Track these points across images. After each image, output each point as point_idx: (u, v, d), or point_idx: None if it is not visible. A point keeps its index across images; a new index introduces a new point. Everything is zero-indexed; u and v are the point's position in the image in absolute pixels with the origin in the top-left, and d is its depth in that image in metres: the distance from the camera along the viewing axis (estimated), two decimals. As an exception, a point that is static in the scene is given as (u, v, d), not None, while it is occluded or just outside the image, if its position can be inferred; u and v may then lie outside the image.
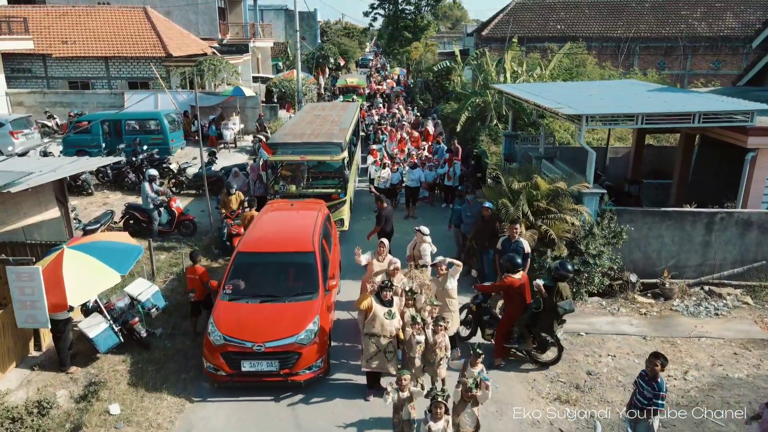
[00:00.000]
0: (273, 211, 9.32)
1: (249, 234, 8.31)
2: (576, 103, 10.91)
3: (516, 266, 7.99)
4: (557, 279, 7.68)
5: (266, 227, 8.52)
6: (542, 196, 10.20)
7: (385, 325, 6.74)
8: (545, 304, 7.55)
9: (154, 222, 13.25)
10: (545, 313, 7.62)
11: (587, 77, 23.85)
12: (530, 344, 8.03)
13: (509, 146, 16.59)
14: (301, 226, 8.26)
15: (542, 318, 7.68)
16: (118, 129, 19.69)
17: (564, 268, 7.74)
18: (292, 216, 9.14)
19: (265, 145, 12.39)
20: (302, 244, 7.80)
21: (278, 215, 9.13)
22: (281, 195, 12.63)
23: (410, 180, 14.88)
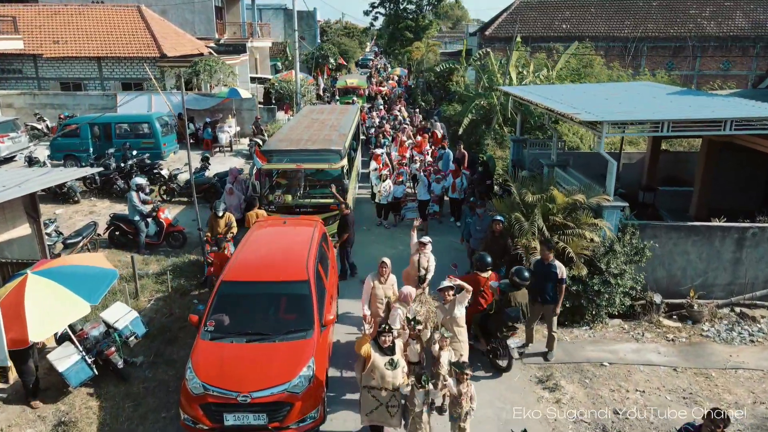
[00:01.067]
0: (262, 231, 8.28)
1: (235, 260, 7.30)
2: (593, 108, 10.10)
3: (486, 265, 8.13)
4: (513, 286, 7.70)
5: (254, 251, 7.50)
6: (558, 209, 9.37)
7: (386, 377, 5.80)
8: (496, 308, 7.66)
9: (141, 234, 12.44)
10: (495, 316, 7.67)
11: (595, 78, 23.05)
12: (484, 345, 8.03)
13: (517, 151, 15.78)
14: (294, 249, 7.34)
15: (491, 321, 7.72)
16: (108, 132, 18.88)
17: (520, 276, 7.68)
18: (283, 237, 8.11)
19: (258, 152, 11.58)
20: (295, 272, 6.82)
21: (268, 236, 8.09)
22: (276, 205, 11.82)
23: (420, 192, 13.67)
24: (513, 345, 7.76)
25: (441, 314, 7.19)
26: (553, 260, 8.07)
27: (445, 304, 7.11)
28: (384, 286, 7.92)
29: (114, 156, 17.58)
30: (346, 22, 66.91)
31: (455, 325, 6.99)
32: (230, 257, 7.97)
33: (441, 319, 7.21)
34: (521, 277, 7.66)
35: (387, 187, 13.65)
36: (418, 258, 8.77)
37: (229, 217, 11.02)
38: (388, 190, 13.69)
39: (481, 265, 8.13)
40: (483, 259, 8.18)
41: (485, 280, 8.03)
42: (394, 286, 7.99)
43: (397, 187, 13.90)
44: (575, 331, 9.09)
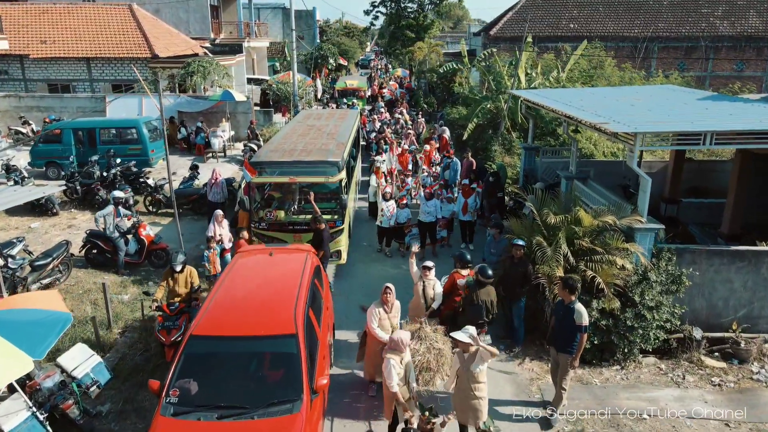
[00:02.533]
0: (243, 267, 6.94)
1: (207, 307, 5.86)
2: (621, 116, 8.98)
3: (466, 263, 8.10)
4: (478, 285, 7.63)
5: (232, 295, 6.11)
6: (585, 232, 8.26)
7: None
8: (464, 305, 7.68)
9: (120, 252, 11.34)
10: (464, 315, 7.60)
11: (606, 81, 21.93)
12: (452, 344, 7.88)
13: (529, 160, 14.67)
14: (280, 292, 6.10)
15: (461, 319, 7.54)
16: (92, 138, 17.76)
17: (484, 274, 7.61)
18: (268, 274, 6.77)
19: (247, 164, 10.47)
20: (281, 324, 5.51)
21: (250, 273, 6.77)
22: (267, 223, 10.71)
23: (424, 213, 11.79)
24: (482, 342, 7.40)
25: (457, 362, 6.09)
26: (573, 302, 6.80)
27: (464, 354, 6.00)
28: (390, 315, 6.91)
29: (98, 163, 16.49)
30: (346, 22, 65.79)
31: (473, 381, 5.88)
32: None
33: (456, 367, 6.12)
34: (485, 275, 7.60)
35: (391, 208, 11.93)
36: (422, 286, 7.74)
37: (191, 273, 8.62)
38: (391, 213, 11.97)
39: (461, 263, 8.09)
40: (463, 257, 8.15)
41: (462, 278, 8.00)
42: (398, 314, 6.97)
43: (401, 211, 12.11)
44: (605, 371, 7.98)
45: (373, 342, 6.83)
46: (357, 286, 10.61)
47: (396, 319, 6.99)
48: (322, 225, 9.92)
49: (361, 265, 11.77)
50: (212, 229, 10.49)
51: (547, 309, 8.13)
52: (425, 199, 11.92)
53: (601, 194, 10.16)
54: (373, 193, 13.29)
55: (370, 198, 13.62)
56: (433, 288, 7.79)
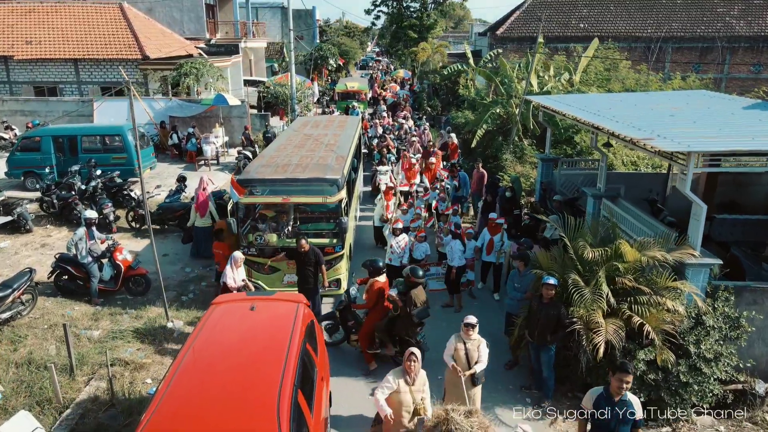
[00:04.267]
0: (215, 329, 5.48)
1: (160, 399, 4.36)
2: (665, 130, 7.76)
3: (379, 270, 7.94)
4: (410, 286, 7.50)
5: (197, 378, 4.68)
6: (628, 269, 7.03)
7: None
8: (401, 311, 7.50)
9: (93, 279, 10.10)
10: (401, 320, 7.53)
11: (621, 84, 20.70)
12: (391, 349, 7.91)
13: (547, 172, 13.44)
14: (260, 370, 4.67)
15: (399, 324, 7.58)
16: (74, 146, 16.52)
17: (415, 274, 7.52)
18: (247, 340, 5.30)
19: (234, 182, 9.22)
20: (260, 423, 4.12)
21: (223, 339, 5.32)
22: (257, 248, 9.47)
23: (460, 254, 9.68)
24: (422, 339, 7.76)
25: None
26: (625, 394, 5.11)
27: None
28: (413, 388, 5.57)
29: (80, 173, 15.28)
30: (346, 21, 64.57)
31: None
32: None
33: None
34: (416, 275, 7.52)
35: (401, 243, 9.84)
36: (464, 349, 6.25)
37: None
38: (402, 248, 9.76)
39: (374, 270, 7.93)
40: (375, 264, 7.98)
41: (380, 285, 7.86)
42: (426, 390, 5.66)
43: (419, 245, 10.05)
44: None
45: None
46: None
47: (421, 395, 5.59)
48: (305, 246, 8.65)
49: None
50: (230, 275, 8.50)
51: (582, 357, 6.89)
52: (452, 237, 9.86)
53: (636, 216, 8.93)
54: (379, 216, 11.54)
55: (375, 222, 11.91)
56: (478, 348, 6.31)
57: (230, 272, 8.55)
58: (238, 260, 8.65)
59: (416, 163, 14.36)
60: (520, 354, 7.86)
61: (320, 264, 8.70)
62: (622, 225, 8.86)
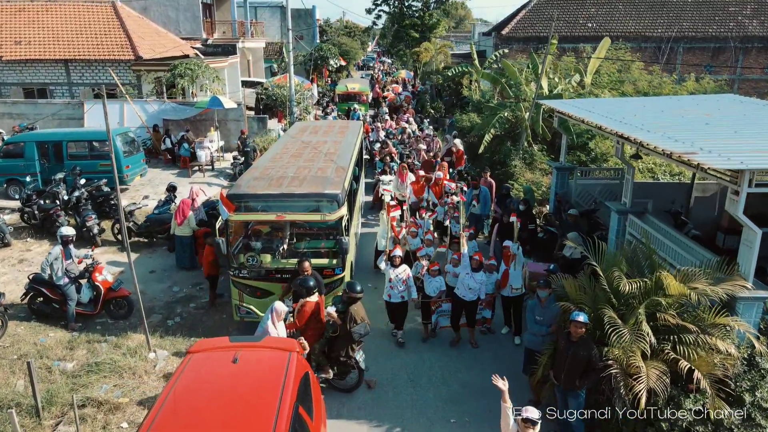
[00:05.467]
0: (190, 389, 4.60)
1: None
2: (706, 141, 6.87)
3: (309, 289, 7.45)
4: (348, 303, 7.21)
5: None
6: (670, 303, 6.13)
7: None
8: (340, 330, 7.20)
9: (69, 302, 9.22)
10: (341, 339, 7.23)
11: (633, 86, 19.81)
12: (329, 372, 7.50)
13: (562, 182, 12.55)
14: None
15: (338, 343, 7.27)
16: (59, 152, 15.63)
17: (352, 289, 7.23)
18: (227, 403, 4.35)
19: (224, 197, 8.33)
20: None
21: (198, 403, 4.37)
22: (249, 270, 8.58)
23: (466, 288, 8.31)
24: (360, 359, 7.42)
25: None
26: None
27: None
28: None
29: (66, 181, 14.39)
30: (346, 21, 63.68)
31: None
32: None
33: None
34: (353, 290, 7.21)
35: (402, 276, 8.36)
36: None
37: None
38: (403, 284, 8.35)
39: (304, 291, 7.45)
40: (305, 283, 7.46)
41: (314, 305, 7.42)
42: None
43: (433, 280, 8.63)
44: (702, 496, 5.84)
45: None
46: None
47: None
48: (309, 269, 7.87)
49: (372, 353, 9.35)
50: (270, 329, 7.09)
51: (618, 404, 6.00)
52: (471, 268, 8.44)
53: (667, 235, 8.04)
54: (383, 235, 10.18)
55: (379, 245, 10.38)
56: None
57: (271, 327, 7.05)
58: (280, 312, 7.16)
59: (422, 176, 13.19)
60: (543, 394, 6.97)
61: (320, 293, 7.83)
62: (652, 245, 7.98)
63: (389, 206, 10.18)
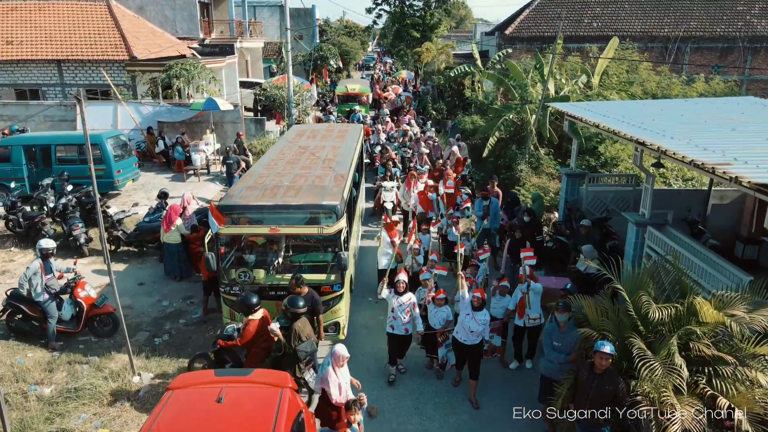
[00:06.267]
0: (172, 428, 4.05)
1: None
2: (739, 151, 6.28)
3: (251, 306, 7.06)
4: (291, 319, 6.78)
5: None
6: (705, 332, 5.53)
7: None
8: (286, 348, 6.77)
9: (50, 320, 8.63)
10: (287, 357, 6.80)
11: (641, 87, 19.20)
12: None
13: (572, 189, 11.95)
14: None
15: (285, 362, 6.81)
16: (47, 156, 15.03)
17: (295, 305, 6.77)
18: None
19: (214, 209, 7.73)
20: None
21: None
22: (241, 286, 7.98)
23: (466, 331, 7.18)
24: (310, 378, 6.88)
25: None
26: None
27: None
28: None
29: (54, 187, 13.82)
30: (347, 21, 63.07)
31: None
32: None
33: None
34: (295, 305, 6.74)
35: (405, 305, 7.49)
36: None
37: None
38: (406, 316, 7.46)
39: (245, 308, 7.09)
40: (247, 300, 7.09)
41: (258, 322, 6.99)
42: None
43: (438, 310, 7.64)
44: None
45: None
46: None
47: None
48: (304, 289, 7.29)
49: (365, 337, 8.97)
50: (332, 380, 5.94)
51: (645, 442, 5.41)
52: (472, 307, 7.15)
53: (695, 252, 7.44)
54: (383, 253, 9.38)
55: (380, 264, 9.42)
56: None
57: (332, 375, 5.93)
58: (340, 357, 6.03)
59: (430, 185, 12.19)
60: (561, 428, 6.36)
61: (317, 314, 7.25)
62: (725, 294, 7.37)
63: (391, 223, 9.50)
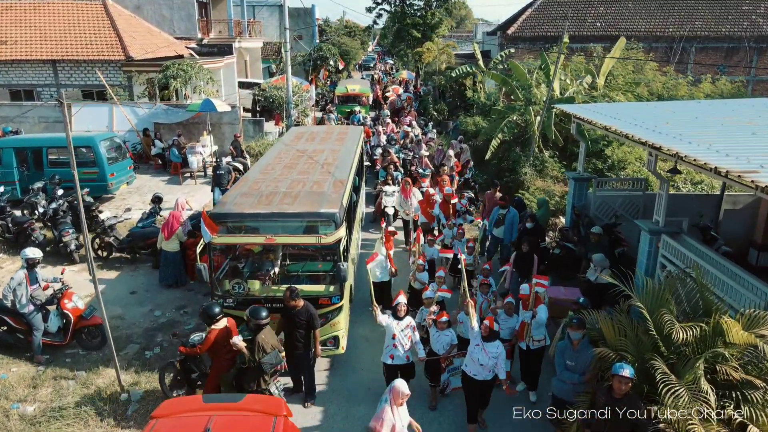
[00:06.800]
0: None
1: None
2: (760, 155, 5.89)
3: (213, 316, 6.81)
4: (255, 330, 6.49)
5: None
6: (734, 353, 5.14)
7: None
8: (249, 361, 6.38)
9: (35, 332, 8.24)
10: (251, 370, 6.42)
11: (647, 88, 18.80)
12: None
13: (580, 194, 11.55)
14: None
15: (249, 375, 6.44)
16: (39, 159, 14.64)
17: (257, 316, 6.41)
18: None
19: (206, 217, 7.34)
20: None
21: None
22: (235, 297, 7.59)
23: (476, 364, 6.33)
24: (276, 391, 6.58)
25: None
26: None
27: None
28: None
29: (46, 191, 13.43)
30: (347, 21, 62.67)
31: None
32: None
33: None
34: (258, 316, 6.43)
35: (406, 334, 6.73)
36: None
37: None
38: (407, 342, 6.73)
39: (208, 318, 6.82)
40: (209, 310, 6.81)
41: (220, 331, 6.73)
42: None
43: (442, 335, 6.93)
44: None
45: None
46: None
47: None
48: (299, 302, 6.88)
49: (365, 352, 8.56)
50: (386, 414, 5.37)
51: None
52: (482, 338, 6.23)
53: (716, 264, 7.03)
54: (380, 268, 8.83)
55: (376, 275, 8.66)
56: None
57: (388, 414, 5.35)
58: (399, 393, 5.41)
59: (434, 194, 11.45)
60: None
61: (314, 328, 6.85)
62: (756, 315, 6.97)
63: (388, 234, 9.07)
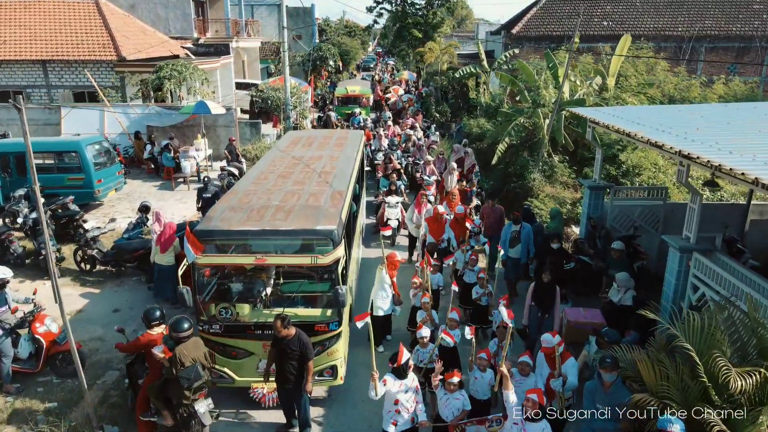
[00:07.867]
0: None
1: None
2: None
3: (151, 320, 6.50)
4: (176, 342, 5.95)
5: None
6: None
7: None
8: (171, 372, 5.88)
9: (4, 359, 7.49)
10: (172, 383, 5.96)
11: (659, 89, 18.05)
12: (169, 419, 6.11)
13: (596, 204, 10.80)
14: None
15: (172, 388, 5.98)
16: (22, 164, 13.88)
17: (178, 329, 5.92)
18: None
19: (190, 235, 6.59)
20: None
21: None
22: (223, 324, 6.83)
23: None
24: (203, 409, 6.06)
25: None
26: None
27: None
28: None
29: (28, 198, 12.66)
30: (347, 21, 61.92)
31: None
32: None
33: None
34: (179, 329, 5.97)
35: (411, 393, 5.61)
36: None
37: None
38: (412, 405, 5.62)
39: (147, 322, 6.58)
40: (150, 314, 6.57)
41: (156, 338, 6.43)
42: None
43: (452, 398, 5.62)
44: None
45: None
46: None
47: None
48: (291, 330, 6.13)
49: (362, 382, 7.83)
50: None
51: None
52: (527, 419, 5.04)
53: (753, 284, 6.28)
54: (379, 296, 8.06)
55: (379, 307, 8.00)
56: None
57: None
58: None
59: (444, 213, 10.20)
60: None
61: (307, 359, 6.10)
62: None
63: (389, 261, 8.23)
